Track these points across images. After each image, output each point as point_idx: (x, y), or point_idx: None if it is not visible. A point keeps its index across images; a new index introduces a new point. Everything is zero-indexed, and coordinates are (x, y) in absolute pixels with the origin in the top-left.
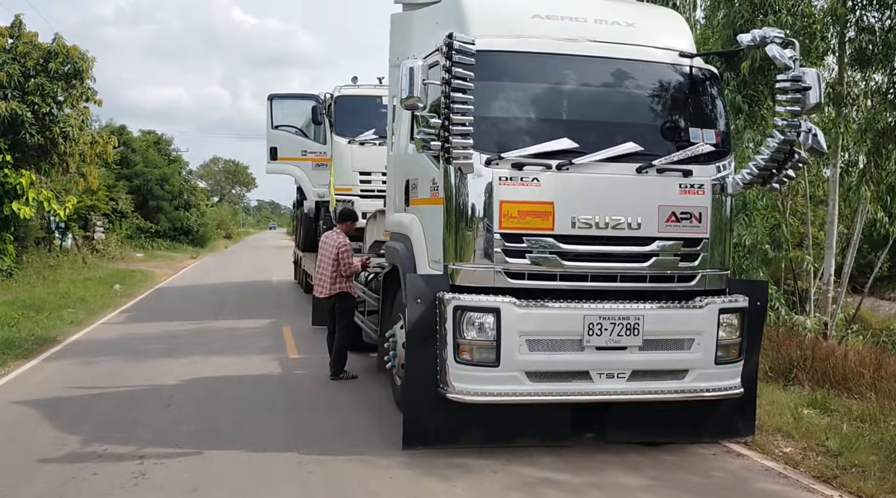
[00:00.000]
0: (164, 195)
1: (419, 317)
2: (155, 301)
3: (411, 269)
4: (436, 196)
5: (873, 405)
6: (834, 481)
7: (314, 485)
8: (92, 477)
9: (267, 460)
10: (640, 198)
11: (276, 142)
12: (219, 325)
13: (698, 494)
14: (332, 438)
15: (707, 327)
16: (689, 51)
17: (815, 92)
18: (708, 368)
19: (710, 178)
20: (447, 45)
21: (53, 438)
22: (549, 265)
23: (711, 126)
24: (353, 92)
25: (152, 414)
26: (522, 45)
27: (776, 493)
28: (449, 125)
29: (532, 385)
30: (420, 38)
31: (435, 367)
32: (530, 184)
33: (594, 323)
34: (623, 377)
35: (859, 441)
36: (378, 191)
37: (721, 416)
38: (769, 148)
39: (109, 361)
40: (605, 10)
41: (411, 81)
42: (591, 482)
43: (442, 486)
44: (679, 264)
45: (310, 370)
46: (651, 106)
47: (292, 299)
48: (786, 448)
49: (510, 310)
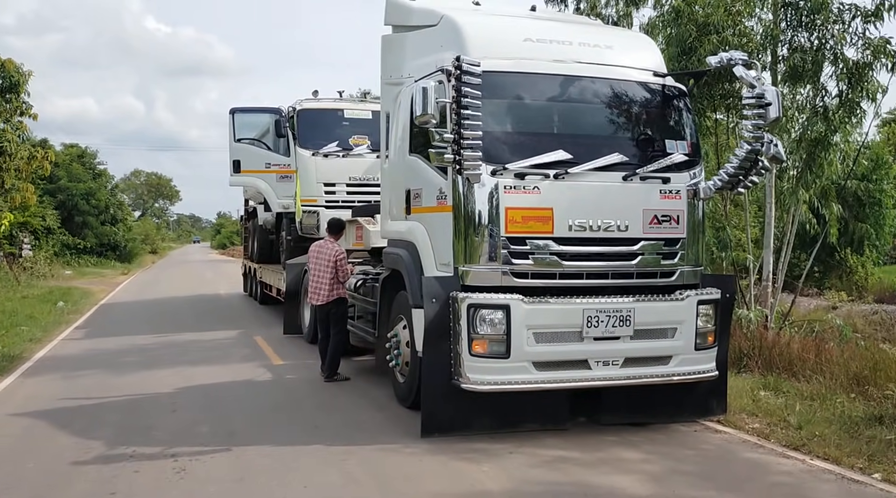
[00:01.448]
0: (90, 210)
1: (435, 315)
2: (106, 317)
3: (417, 272)
4: (443, 204)
5: (820, 386)
6: (803, 449)
7: (354, 470)
8: (134, 474)
9: (297, 453)
10: (627, 203)
11: (238, 155)
12: (186, 337)
13: (692, 463)
14: (351, 432)
15: (688, 317)
16: (662, 70)
17: (775, 107)
18: (689, 353)
19: (685, 184)
20: (456, 66)
21: (75, 444)
22: (549, 265)
23: (683, 138)
24: (315, 105)
25: (163, 419)
26: (519, 67)
27: (758, 459)
28: (460, 139)
29: (538, 374)
30: (414, 58)
31: (449, 360)
32: (532, 192)
33: (592, 316)
34: (617, 364)
35: (814, 416)
36: (342, 201)
37: (697, 397)
38: (738, 157)
39: (91, 375)
40: (587, 33)
41: (425, 100)
42: (597, 458)
43: (471, 467)
44: (661, 262)
45: (301, 374)
46: (631, 120)
47: (249, 310)
48: (753, 424)
49: (518, 306)
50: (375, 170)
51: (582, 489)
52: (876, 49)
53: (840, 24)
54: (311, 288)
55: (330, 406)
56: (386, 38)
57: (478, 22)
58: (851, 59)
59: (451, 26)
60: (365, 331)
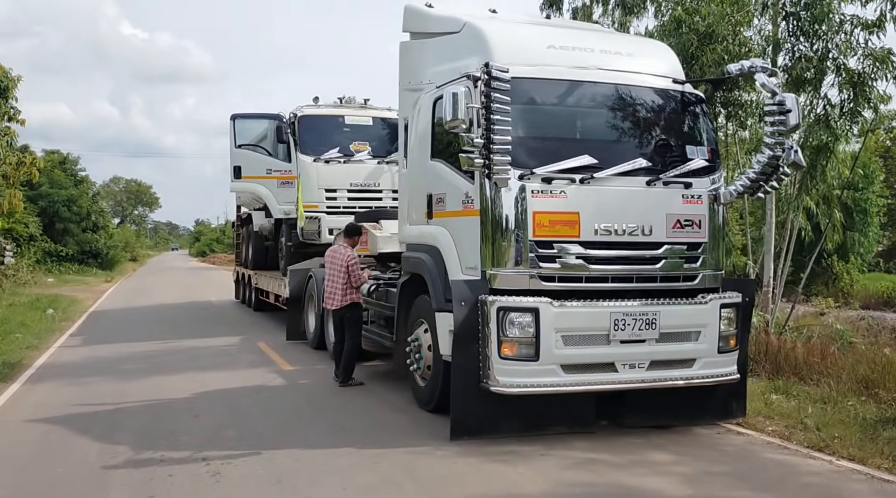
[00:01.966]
0: (72, 217)
1: (464, 318)
2: (99, 324)
3: (441, 276)
4: (470, 208)
5: (829, 389)
6: (826, 450)
7: (390, 472)
8: (169, 478)
9: (328, 456)
10: (650, 207)
11: (239, 160)
12: (188, 343)
13: (721, 465)
14: (378, 435)
15: (711, 321)
16: (680, 77)
17: (795, 114)
18: (712, 356)
19: (706, 189)
20: (486, 72)
21: (100, 450)
22: (576, 269)
23: (703, 143)
24: (316, 111)
25: (186, 424)
26: (544, 73)
27: (786, 460)
28: (490, 144)
29: (566, 376)
30: (435, 64)
31: (478, 363)
32: (559, 196)
33: (619, 319)
34: (643, 367)
35: (830, 418)
36: (344, 207)
37: (718, 399)
38: (759, 163)
39: (98, 381)
40: (608, 41)
41: (455, 105)
42: (628, 460)
43: (506, 469)
44: (684, 266)
45: (314, 379)
46: (652, 126)
47: (245, 317)
48: (772, 427)
49: (547, 309)
50: (376, 176)
51: (619, 491)
52: (878, 59)
53: (842, 34)
54: (326, 292)
55: (352, 410)
56: (404, 44)
57: (502, 29)
58: (854, 68)
59: (475, 33)
60: (380, 335)
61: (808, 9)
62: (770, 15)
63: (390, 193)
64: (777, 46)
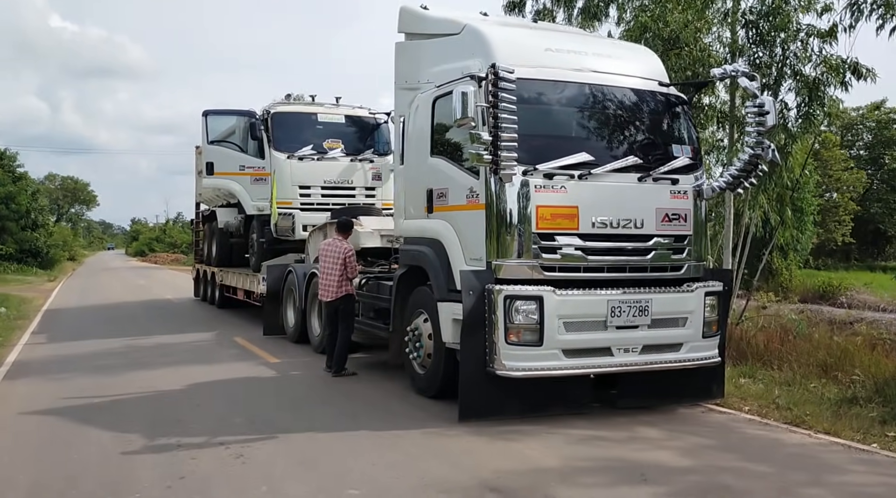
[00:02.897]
0: (10, 215)
1: (472, 307)
2: (59, 322)
3: (443, 268)
4: (474, 202)
5: (792, 373)
6: (803, 425)
7: (412, 450)
8: (192, 461)
9: (346, 438)
10: (641, 202)
11: (212, 157)
12: (160, 340)
13: (712, 439)
14: (387, 419)
15: (697, 307)
16: (665, 80)
17: (772, 115)
18: (697, 341)
19: (691, 186)
20: (493, 72)
21: (112, 437)
22: (575, 259)
23: (687, 142)
24: (289, 108)
25: (190, 413)
26: (544, 74)
27: (769, 435)
28: (498, 142)
29: (567, 360)
30: (433, 64)
31: (484, 349)
32: (559, 191)
33: (615, 307)
34: (636, 351)
35: (798, 399)
36: (317, 204)
37: (699, 381)
38: (741, 161)
39: (81, 376)
40: (598, 45)
41: (464, 104)
42: (627, 436)
43: (516, 445)
44: (671, 256)
45: (305, 371)
46: (642, 125)
47: (211, 314)
48: (747, 407)
49: (551, 297)
50: (349, 173)
51: (625, 463)
52: (830, 67)
53: (798, 42)
54: (321, 285)
55: (354, 397)
56: (400, 44)
57: (502, 32)
58: (808, 75)
59: (476, 35)
60: (373, 326)
61: (767, 18)
62: (728, 23)
63: (363, 191)
64: (736, 53)
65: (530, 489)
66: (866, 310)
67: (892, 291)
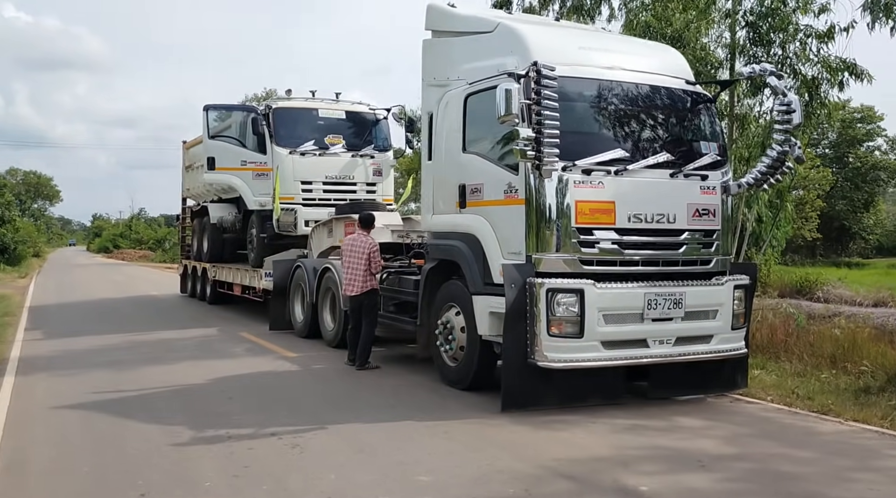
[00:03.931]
0: None
1: (514, 299)
2: (48, 318)
3: (477, 262)
4: (512, 198)
5: (803, 364)
6: (830, 414)
7: (465, 439)
8: (249, 451)
9: (394, 428)
10: (673, 198)
11: (213, 152)
12: (162, 335)
13: (749, 427)
14: (429, 410)
15: (726, 300)
16: (692, 79)
17: (798, 114)
18: (727, 332)
19: (719, 182)
20: (535, 71)
21: (160, 431)
22: (612, 253)
23: (714, 140)
24: (291, 104)
25: (226, 406)
26: (580, 72)
27: (801, 423)
28: (541, 138)
29: (606, 352)
30: (465, 62)
31: (525, 341)
32: (597, 186)
33: (652, 299)
34: (670, 343)
35: (815, 389)
36: (319, 200)
37: (726, 372)
38: (769, 157)
39: (96, 371)
40: (628, 44)
41: (508, 101)
42: (668, 425)
43: (563, 435)
44: (701, 251)
45: (327, 365)
46: (672, 122)
47: (205, 310)
48: (769, 397)
49: (591, 290)
50: (350, 169)
51: (673, 452)
52: (829, 68)
53: (797, 42)
54: (346, 279)
55: (385, 389)
56: (427, 42)
57: (536, 30)
58: (809, 74)
59: (511, 33)
60: (396, 320)
61: (766, 18)
62: (728, 24)
63: (364, 186)
64: (735, 53)
65: (597, 476)
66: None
67: (867, 286)
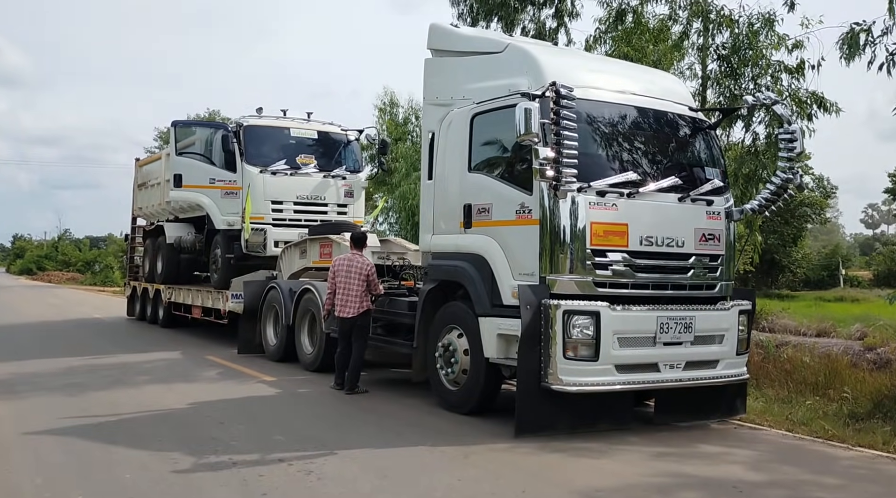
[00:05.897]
0: None
1: (530, 321)
2: None
3: (485, 283)
4: (525, 218)
5: (786, 391)
6: (835, 439)
7: (486, 466)
8: (261, 478)
9: (409, 454)
10: (682, 222)
11: (180, 169)
12: (122, 359)
13: (766, 452)
14: (437, 436)
15: (732, 325)
16: (693, 105)
17: (800, 142)
18: (731, 358)
19: (722, 207)
20: (555, 91)
21: (155, 457)
22: (624, 276)
23: (716, 166)
24: (262, 122)
25: (220, 431)
26: (593, 95)
27: (809, 446)
28: (560, 158)
29: (619, 376)
30: (471, 81)
31: (539, 364)
32: (611, 208)
33: (664, 323)
34: (680, 367)
35: (806, 415)
36: (290, 220)
37: (728, 398)
38: (774, 184)
39: (61, 396)
40: (634, 70)
41: (527, 121)
42: (691, 451)
43: (588, 461)
44: (706, 275)
45: (312, 388)
46: (679, 147)
47: (160, 334)
48: (765, 422)
49: (607, 313)
50: (322, 189)
51: (712, 480)
52: (800, 101)
53: (770, 77)
54: (340, 301)
55: (384, 414)
56: (430, 61)
57: (548, 52)
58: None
59: (522, 54)
60: (390, 342)
61: (737, 53)
62: (699, 56)
63: (335, 207)
64: (706, 85)
65: None
66: (788, 334)
67: (808, 317)
